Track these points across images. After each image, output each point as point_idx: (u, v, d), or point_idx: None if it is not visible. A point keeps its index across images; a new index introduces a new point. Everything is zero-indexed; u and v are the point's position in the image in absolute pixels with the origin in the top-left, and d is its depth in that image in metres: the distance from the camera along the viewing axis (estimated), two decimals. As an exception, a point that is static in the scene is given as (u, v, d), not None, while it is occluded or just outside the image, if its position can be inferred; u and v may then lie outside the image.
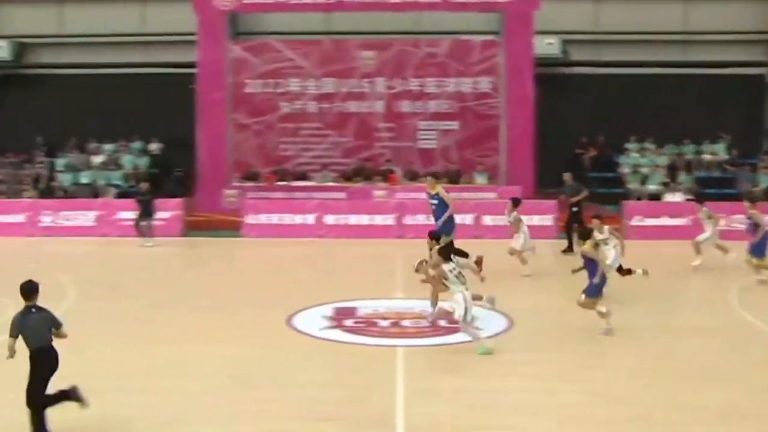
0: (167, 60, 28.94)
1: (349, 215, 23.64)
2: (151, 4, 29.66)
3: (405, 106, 27.22)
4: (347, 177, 26.64)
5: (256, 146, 27.30)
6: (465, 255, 14.99)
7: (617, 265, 15.43)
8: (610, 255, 15.30)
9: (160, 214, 23.07)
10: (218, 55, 26.57)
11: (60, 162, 28.12)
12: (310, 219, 23.40)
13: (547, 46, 27.58)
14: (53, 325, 9.42)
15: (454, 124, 27.16)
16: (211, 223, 24.54)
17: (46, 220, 24.07)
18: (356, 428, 9.86)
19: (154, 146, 28.76)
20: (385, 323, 14.21)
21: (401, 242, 21.97)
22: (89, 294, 16.41)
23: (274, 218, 23.62)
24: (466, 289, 12.55)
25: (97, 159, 28.14)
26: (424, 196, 18.58)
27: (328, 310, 14.89)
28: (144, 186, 23.57)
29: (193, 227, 24.02)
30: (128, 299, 16.06)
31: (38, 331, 9.28)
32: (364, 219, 23.59)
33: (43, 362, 9.21)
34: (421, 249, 15.40)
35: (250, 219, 23.66)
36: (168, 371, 11.72)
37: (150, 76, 29.20)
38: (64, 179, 27.29)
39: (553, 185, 24.12)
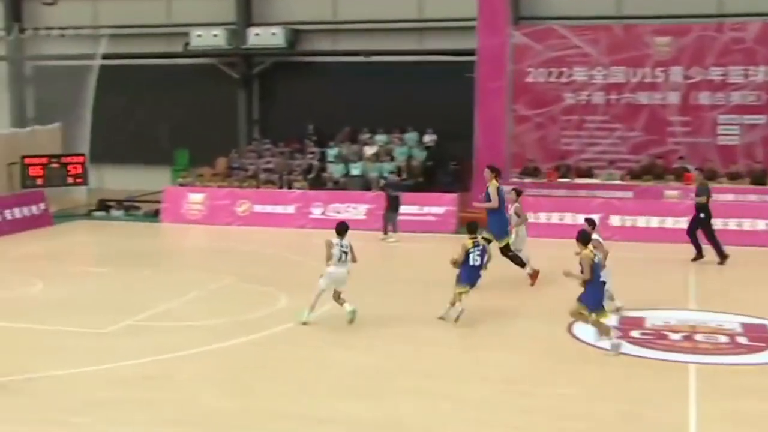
0: (444, 47, 30.14)
1: (637, 217, 23.57)
2: (430, -11, 31.04)
3: (703, 97, 26.66)
4: (635, 175, 26.49)
5: (536, 139, 27.81)
6: (521, 264, 16.38)
7: None
8: None
9: (433, 210, 24.15)
10: (498, 41, 27.30)
11: (331, 152, 30.08)
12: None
13: None
14: None
15: (761, 119, 26.28)
16: (486, 220, 25.22)
17: (317, 211, 25.83)
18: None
19: (428, 138, 30.03)
20: (676, 336, 14.18)
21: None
22: (372, 291, 17.64)
23: (555, 217, 23.98)
24: None
25: (369, 150, 29.79)
26: (722, 197, 18.28)
27: (613, 318, 15.04)
28: (394, 178, 24.74)
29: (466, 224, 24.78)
30: (403, 297, 17.14)
31: None
32: (653, 221, 23.45)
33: None
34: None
35: (528, 218, 24.09)
36: (442, 374, 12.46)
37: (425, 63, 30.60)
38: (335, 170, 29.13)
39: None
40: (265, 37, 31.89)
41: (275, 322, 14.99)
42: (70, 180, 28.12)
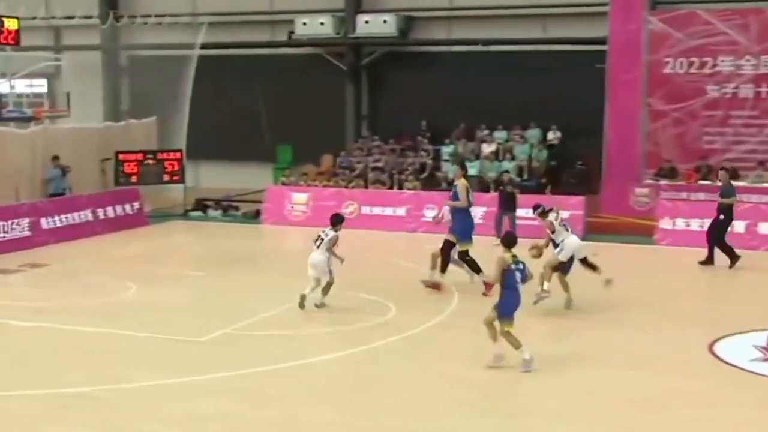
0: (570, 35, 29.69)
1: (790, 224, 22.82)
2: (553, -28, 30.63)
3: None
4: (789, 177, 25.70)
5: (674, 137, 27.11)
6: (477, 270, 16.79)
7: None
8: None
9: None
10: (633, 28, 26.77)
11: (445, 150, 29.90)
12: (738, 227, 22.80)
13: None
14: None
15: None
16: (616, 226, 24.83)
17: (429, 214, 25.61)
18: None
19: (553, 135, 29.62)
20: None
21: None
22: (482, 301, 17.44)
23: (694, 224, 23.36)
24: None
25: (487, 148, 29.52)
26: None
27: (762, 339, 14.55)
28: (507, 177, 24.50)
29: (595, 229, 24.41)
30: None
31: None
32: (808, 230, 22.66)
33: None
34: None
35: (664, 223, 23.64)
36: (566, 393, 12.18)
37: (549, 53, 30.22)
38: (450, 169, 28.90)
39: None
40: (375, 24, 31.88)
41: (382, 334, 14.88)
42: (165, 177, 28.59)
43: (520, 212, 23.86)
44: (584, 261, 16.89)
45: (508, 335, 12.96)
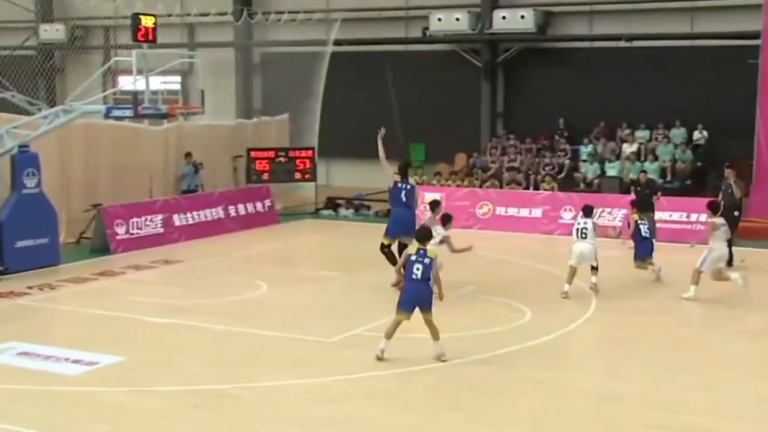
0: (720, 30, 29.14)
1: None
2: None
3: None
4: None
5: (831, 137, 26.26)
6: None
7: None
8: None
9: (703, 218, 23.19)
10: (790, 21, 26.03)
11: (584, 150, 29.61)
12: None
13: None
14: None
15: None
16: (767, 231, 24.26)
17: (567, 216, 25.43)
18: None
19: (699, 135, 29.03)
20: None
21: None
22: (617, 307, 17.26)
23: None
24: None
25: (628, 148, 29.12)
26: None
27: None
28: (643, 177, 24.06)
29: (744, 234, 23.79)
30: (665, 316, 16.63)
31: None
32: None
33: None
34: None
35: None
36: (699, 408, 11.99)
37: (697, 49, 29.71)
38: (588, 170, 28.64)
39: None
40: (512, 20, 31.70)
41: (515, 340, 14.86)
42: (297, 176, 29.06)
43: (662, 215, 23.46)
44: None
45: (395, 324, 13.55)
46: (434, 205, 18.44)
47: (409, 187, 18.84)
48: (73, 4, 38.57)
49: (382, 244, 18.55)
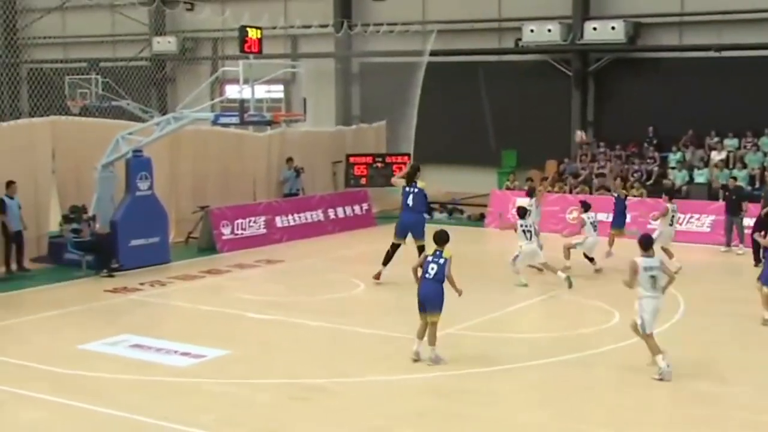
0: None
1: None
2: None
3: None
4: None
5: None
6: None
7: None
8: None
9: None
10: None
11: (672, 157, 29.16)
12: None
13: None
14: None
15: None
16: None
17: (655, 222, 24.96)
18: None
19: (788, 142, 28.44)
20: None
21: None
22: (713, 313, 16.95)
23: None
24: None
25: (717, 156, 28.60)
26: None
27: None
28: (732, 183, 23.62)
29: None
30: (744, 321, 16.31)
31: None
32: None
33: None
34: None
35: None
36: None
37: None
38: (677, 177, 28.19)
39: None
40: (603, 31, 31.36)
41: (603, 341, 14.74)
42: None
43: (748, 221, 23.05)
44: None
45: (422, 325, 13.58)
46: (521, 212, 18.57)
47: (416, 190, 19.36)
48: (184, 17, 39.24)
49: (393, 243, 19.18)
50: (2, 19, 41.91)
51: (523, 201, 23.09)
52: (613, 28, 31.16)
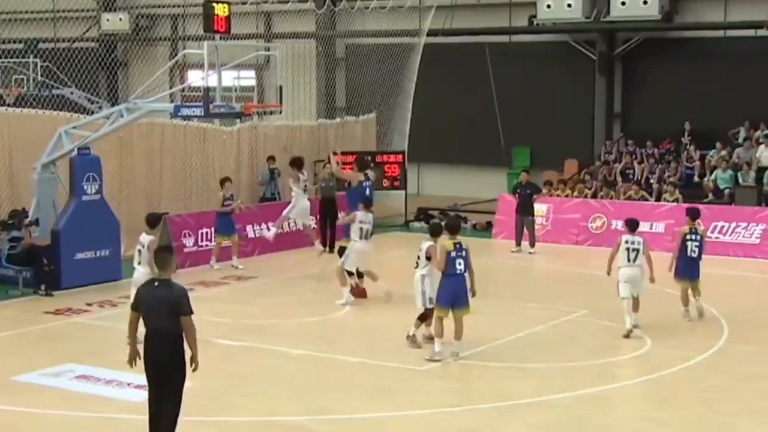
0: None
1: None
2: None
3: None
4: None
5: None
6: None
7: None
8: None
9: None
10: None
11: (714, 156, 29.31)
12: None
13: None
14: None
15: None
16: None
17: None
18: None
19: None
20: None
21: None
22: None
23: None
24: None
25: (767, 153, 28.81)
26: None
27: None
28: None
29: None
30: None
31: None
32: None
33: None
34: None
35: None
36: None
37: None
38: (720, 178, 28.33)
39: None
40: (633, 6, 31.30)
41: (629, 372, 14.89)
42: (385, 183, 29.18)
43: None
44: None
45: (438, 322, 14.95)
46: None
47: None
48: (138, -10, 39.43)
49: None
50: None
51: (539, 209, 23.16)
52: (645, 2, 31.19)
